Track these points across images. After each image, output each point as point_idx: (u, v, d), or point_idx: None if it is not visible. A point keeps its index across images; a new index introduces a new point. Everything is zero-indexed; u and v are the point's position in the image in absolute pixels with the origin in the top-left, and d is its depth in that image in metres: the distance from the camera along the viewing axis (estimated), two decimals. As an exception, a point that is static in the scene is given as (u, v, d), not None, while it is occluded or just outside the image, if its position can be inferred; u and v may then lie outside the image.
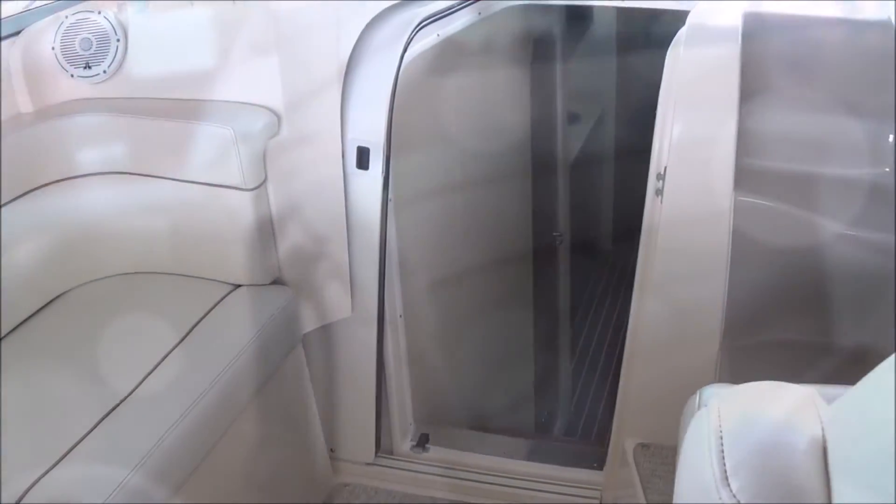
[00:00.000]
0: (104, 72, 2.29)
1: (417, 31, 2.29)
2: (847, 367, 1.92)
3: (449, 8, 2.45)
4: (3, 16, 2.22)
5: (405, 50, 2.23)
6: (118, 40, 2.27)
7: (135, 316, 2.14)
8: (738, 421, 0.70)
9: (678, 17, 2.19)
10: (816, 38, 2.17)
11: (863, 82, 2.11)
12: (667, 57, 2.05)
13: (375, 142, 2.20)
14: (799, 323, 2.05)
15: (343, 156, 2.21)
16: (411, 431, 2.60)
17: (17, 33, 2.25)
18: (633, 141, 2.05)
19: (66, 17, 2.27)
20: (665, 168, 1.97)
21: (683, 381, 1.41)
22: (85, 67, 2.28)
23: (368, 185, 2.22)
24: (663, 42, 2.11)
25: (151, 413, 1.81)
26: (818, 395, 0.75)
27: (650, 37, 2.18)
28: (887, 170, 2.08)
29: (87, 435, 1.74)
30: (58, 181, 2.24)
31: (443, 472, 2.53)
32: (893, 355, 0.65)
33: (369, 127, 2.20)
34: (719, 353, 2.02)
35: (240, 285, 2.25)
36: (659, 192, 1.99)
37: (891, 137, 2.07)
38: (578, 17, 4.16)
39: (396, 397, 2.52)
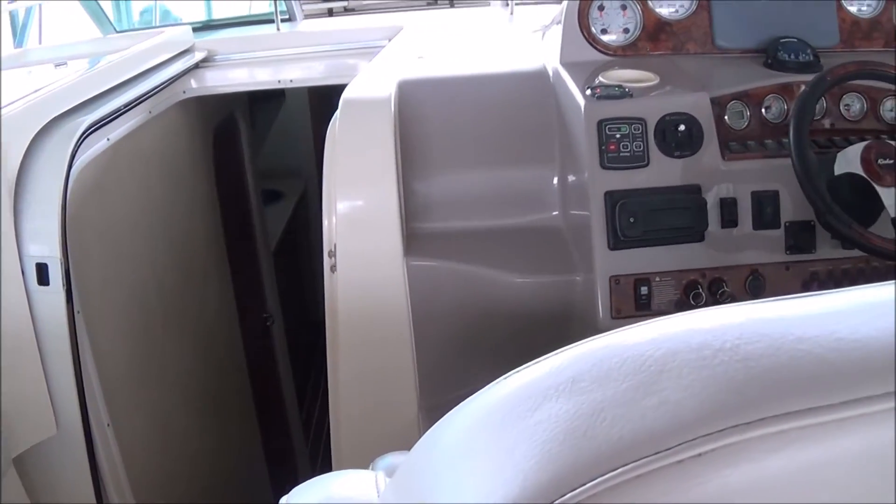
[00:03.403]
0: None
1: (84, 139, 2.28)
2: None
3: (115, 111, 2.46)
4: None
5: (72, 159, 2.22)
6: None
7: None
8: None
9: None
10: (476, 95, 2.26)
11: (524, 132, 2.22)
12: (326, 137, 2.11)
13: (53, 256, 2.17)
14: (488, 374, 2.13)
15: (24, 273, 2.18)
16: None
17: None
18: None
19: None
20: (335, 245, 2.03)
21: (388, 449, 1.45)
22: None
23: (52, 300, 2.19)
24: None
25: None
26: (383, 475, 0.81)
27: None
28: (555, 213, 2.20)
29: None
30: None
31: None
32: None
33: (46, 242, 2.18)
34: (418, 416, 2.08)
35: None
36: (333, 268, 2.05)
37: (555, 181, 2.20)
38: (263, 99, 4.21)
39: None
